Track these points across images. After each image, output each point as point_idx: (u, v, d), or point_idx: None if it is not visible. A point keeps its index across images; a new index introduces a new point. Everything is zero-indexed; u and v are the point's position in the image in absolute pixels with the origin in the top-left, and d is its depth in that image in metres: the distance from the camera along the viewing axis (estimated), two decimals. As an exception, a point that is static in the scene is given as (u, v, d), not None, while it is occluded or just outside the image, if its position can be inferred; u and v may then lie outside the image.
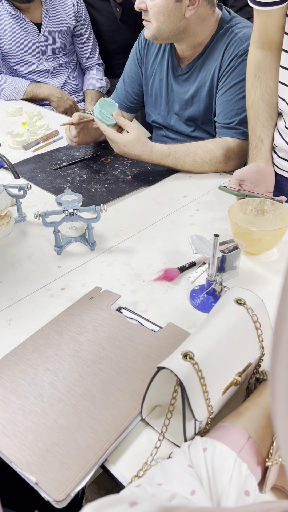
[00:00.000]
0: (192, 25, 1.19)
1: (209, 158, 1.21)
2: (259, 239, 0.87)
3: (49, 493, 0.53)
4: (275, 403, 0.22)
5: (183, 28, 1.19)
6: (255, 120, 1.07)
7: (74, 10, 1.91)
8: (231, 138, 1.24)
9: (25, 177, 1.26)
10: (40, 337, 0.74)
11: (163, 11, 1.15)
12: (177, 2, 1.14)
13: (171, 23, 1.17)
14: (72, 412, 0.61)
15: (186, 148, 1.22)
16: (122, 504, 0.26)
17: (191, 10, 1.15)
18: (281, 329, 0.21)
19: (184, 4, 1.14)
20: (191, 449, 0.51)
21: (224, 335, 0.57)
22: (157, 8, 1.15)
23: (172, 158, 1.21)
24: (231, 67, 1.21)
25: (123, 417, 0.61)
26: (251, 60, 1.05)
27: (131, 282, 0.87)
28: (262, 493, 0.53)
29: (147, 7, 1.16)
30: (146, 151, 1.17)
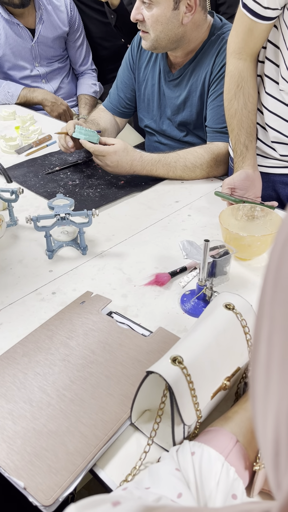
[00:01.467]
0: (188, 32, 1.21)
1: (200, 163, 1.23)
2: (249, 244, 0.88)
3: (37, 498, 0.53)
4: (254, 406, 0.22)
5: (181, 36, 1.20)
6: (239, 128, 1.10)
7: (68, 16, 1.93)
8: (222, 142, 1.25)
9: (18, 181, 1.26)
10: (30, 341, 0.74)
11: (161, 20, 1.16)
12: (175, 10, 1.15)
13: (169, 31, 1.18)
14: (61, 417, 0.61)
15: (176, 154, 1.23)
16: (105, 504, 0.26)
17: (188, 17, 1.17)
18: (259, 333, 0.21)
19: (181, 11, 1.15)
20: (179, 453, 0.51)
21: (213, 339, 0.58)
22: (155, 18, 1.15)
23: (163, 163, 1.21)
24: (222, 73, 1.22)
25: (113, 421, 0.61)
26: (233, 70, 1.07)
27: (122, 287, 0.88)
28: (250, 497, 0.53)
29: (144, 18, 1.17)
30: (137, 157, 1.19)
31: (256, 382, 0.22)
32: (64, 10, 1.91)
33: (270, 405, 0.20)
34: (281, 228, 0.21)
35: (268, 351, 0.20)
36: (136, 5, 1.17)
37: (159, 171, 1.22)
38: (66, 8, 1.91)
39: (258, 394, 0.21)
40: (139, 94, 1.46)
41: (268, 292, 0.21)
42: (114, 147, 1.16)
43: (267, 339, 0.20)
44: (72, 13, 1.94)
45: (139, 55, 1.41)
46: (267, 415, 0.20)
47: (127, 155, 1.17)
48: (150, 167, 1.21)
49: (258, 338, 0.21)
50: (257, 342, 0.22)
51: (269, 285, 0.20)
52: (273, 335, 0.20)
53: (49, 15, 1.88)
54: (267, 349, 0.20)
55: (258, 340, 0.21)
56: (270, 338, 0.20)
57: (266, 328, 0.20)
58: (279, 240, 0.21)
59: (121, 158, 1.16)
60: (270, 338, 0.20)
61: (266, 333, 0.20)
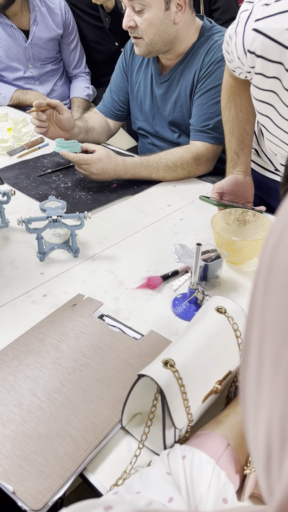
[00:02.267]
0: (180, 31, 1.22)
1: (181, 163, 1.24)
2: (241, 249, 0.88)
3: (26, 502, 0.52)
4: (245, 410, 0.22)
5: (174, 36, 1.22)
6: (230, 135, 1.11)
7: (62, 18, 1.93)
8: (201, 142, 1.27)
9: (9, 183, 1.26)
10: (21, 344, 0.73)
11: (155, 23, 1.17)
12: (166, 11, 1.16)
13: (163, 33, 1.20)
14: (52, 420, 0.61)
15: (157, 155, 1.25)
16: (97, 509, 0.26)
17: (179, 16, 1.18)
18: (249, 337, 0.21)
19: (173, 11, 1.17)
20: (170, 456, 0.51)
21: (205, 343, 0.58)
22: (148, 22, 1.17)
23: (145, 166, 1.23)
24: (209, 72, 1.24)
25: (103, 425, 0.61)
26: (225, 84, 1.08)
27: (114, 290, 0.87)
28: (240, 501, 0.53)
29: (136, 24, 1.18)
30: (120, 162, 1.20)
31: (246, 387, 0.22)
32: (59, 12, 1.91)
33: (261, 411, 0.20)
34: (271, 233, 0.21)
35: (259, 355, 0.20)
36: (127, 13, 1.18)
37: (142, 174, 1.23)
38: (60, 11, 1.91)
39: (249, 399, 0.21)
40: (132, 97, 1.47)
41: (258, 297, 0.21)
42: (97, 154, 1.16)
43: (257, 344, 0.20)
44: (66, 16, 1.94)
45: (132, 59, 1.42)
46: (258, 420, 0.20)
47: (111, 161, 1.18)
48: (133, 170, 1.22)
49: (248, 342, 0.21)
50: (247, 347, 0.22)
51: (259, 289, 0.20)
52: (264, 339, 0.19)
53: (43, 17, 1.87)
54: (258, 354, 0.20)
55: (248, 344, 0.21)
56: (261, 343, 0.20)
57: (257, 333, 0.20)
58: (268, 245, 0.21)
59: (105, 164, 1.17)
60: (261, 343, 0.20)
61: (257, 337, 0.20)
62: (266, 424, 0.19)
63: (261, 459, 0.19)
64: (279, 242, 0.19)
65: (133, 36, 1.21)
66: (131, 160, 1.22)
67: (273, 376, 0.18)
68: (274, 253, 0.19)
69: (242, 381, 0.22)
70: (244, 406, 0.22)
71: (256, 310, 0.20)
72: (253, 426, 0.20)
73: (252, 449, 0.21)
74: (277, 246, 0.19)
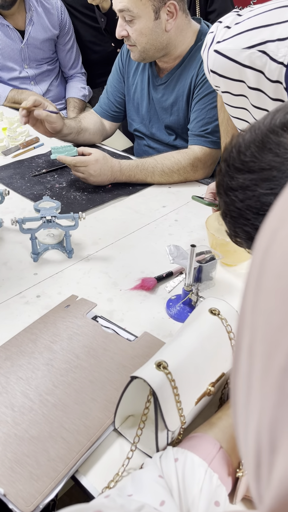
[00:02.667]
0: (173, 37, 1.22)
1: (177, 168, 1.24)
2: (235, 250, 0.88)
3: (17, 504, 0.52)
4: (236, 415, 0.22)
5: (166, 43, 1.22)
6: (225, 137, 1.12)
7: (59, 18, 1.92)
8: (199, 147, 1.27)
9: (4, 183, 1.25)
10: (13, 345, 0.73)
11: (145, 32, 1.18)
12: (156, 20, 1.16)
13: (154, 41, 1.20)
14: (44, 422, 0.60)
15: (153, 160, 1.25)
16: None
17: (171, 23, 1.18)
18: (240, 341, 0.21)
19: (163, 19, 1.17)
20: (162, 459, 0.51)
21: (198, 345, 0.58)
22: (138, 32, 1.17)
23: (141, 169, 1.23)
24: (206, 77, 1.24)
25: (96, 427, 0.60)
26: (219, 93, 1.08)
27: (108, 291, 0.87)
28: (232, 503, 0.53)
29: (128, 33, 1.19)
30: (115, 164, 1.20)
31: (237, 392, 0.21)
32: (55, 12, 1.91)
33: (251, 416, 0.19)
34: (261, 235, 0.21)
35: (248, 361, 0.20)
36: (119, 23, 1.19)
37: (138, 177, 1.23)
38: (56, 11, 1.91)
39: (239, 404, 0.21)
40: (129, 99, 1.47)
41: (249, 300, 0.20)
42: (94, 156, 1.17)
43: (248, 349, 0.20)
44: (62, 16, 1.93)
45: (129, 61, 1.42)
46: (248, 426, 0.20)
47: (107, 163, 1.19)
48: (129, 172, 1.22)
49: (239, 347, 0.21)
50: (238, 351, 0.21)
51: (250, 293, 0.20)
52: (254, 345, 0.19)
53: (39, 17, 1.87)
54: (248, 359, 0.20)
55: (239, 349, 0.21)
56: (251, 348, 0.19)
57: (247, 337, 0.20)
58: (259, 248, 0.20)
59: (102, 166, 1.17)
60: (251, 348, 0.19)
61: (247, 342, 0.20)
62: (256, 430, 0.18)
63: (251, 465, 0.19)
64: (270, 244, 0.19)
65: (127, 43, 1.23)
66: (127, 162, 1.22)
67: (262, 381, 0.18)
68: (265, 256, 0.19)
69: (232, 386, 0.22)
70: (235, 411, 0.21)
71: (247, 314, 0.20)
72: (243, 431, 0.20)
73: (243, 454, 0.21)
74: (268, 249, 0.19)
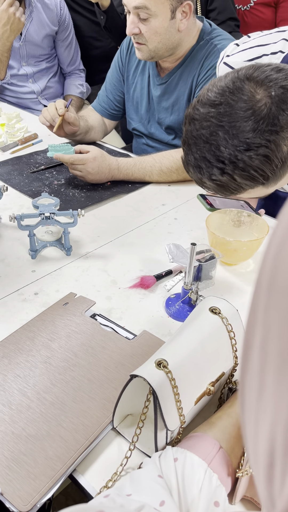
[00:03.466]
0: (183, 37, 1.21)
1: (176, 168, 1.23)
2: (236, 249, 0.88)
3: (14, 503, 0.51)
4: (244, 414, 0.21)
5: (177, 43, 1.21)
6: None
7: (57, 15, 1.90)
8: None
9: (2, 179, 1.24)
10: (11, 343, 0.72)
11: (160, 32, 1.15)
12: (172, 20, 1.15)
13: (167, 41, 1.18)
14: (41, 420, 0.60)
15: (152, 158, 1.24)
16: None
17: (184, 23, 1.17)
18: (250, 339, 0.21)
19: (178, 19, 1.15)
20: (161, 459, 0.50)
21: (198, 344, 0.57)
22: (153, 30, 1.15)
23: (139, 167, 1.22)
24: (207, 76, 1.23)
25: (94, 426, 0.60)
26: None
27: (107, 289, 0.86)
28: (231, 504, 0.52)
29: (141, 31, 1.16)
30: (113, 162, 1.20)
31: (246, 391, 0.21)
32: (54, 8, 1.89)
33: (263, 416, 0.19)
34: (275, 232, 0.20)
35: (261, 359, 0.19)
36: (132, 19, 1.15)
37: (136, 175, 1.23)
38: (56, 7, 1.89)
39: (249, 403, 0.20)
40: (128, 97, 1.46)
41: (261, 297, 0.20)
42: (92, 154, 1.16)
43: (260, 347, 0.19)
44: (62, 12, 1.92)
45: (129, 58, 1.41)
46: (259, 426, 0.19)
47: (105, 160, 1.18)
48: (126, 171, 1.21)
49: (249, 345, 0.21)
50: (248, 349, 0.21)
51: (262, 290, 0.20)
52: (267, 342, 0.19)
53: (38, 13, 1.85)
54: (260, 357, 0.19)
55: (249, 347, 0.21)
56: (264, 346, 0.19)
57: (260, 335, 0.19)
58: (273, 244, 0.20)
59: (100, 163, 1.17)
60: (264, 346, 0.19)
61: (260, 340, 0.19)
62: (269, 430, 0.18)
63: (262, 465, 0.19)
64: (284, 241, 0.19)
65: (136, 41, 1.19)
66: (124, 160, 1.22)
67: (277, 381, 0.17)
68: (279, 252, 0.19)
69: (241, 385, 0.21)
70: (243, 411, 0.21)
71: (259, 311, 0.19)
72: (253, 431, 0.20)
73: (251, 454, 0.20)
74: (282, 245, 0.19)
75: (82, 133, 1.38)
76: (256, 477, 0.20)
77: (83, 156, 1.15)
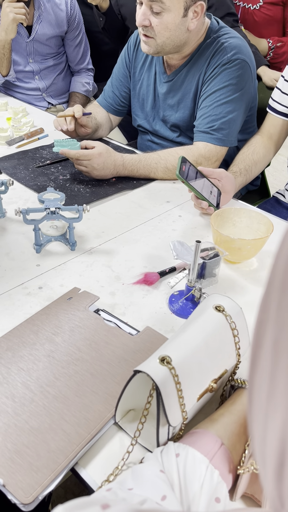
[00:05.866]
0: (192, 37, 1.21)
1: None
2: (240, 248, 0.88)
3: (16, 495, 0.51)
4: (252, 412, 0.22)
5: (185, 41, 1.20)
6: (240, 161, 1.25)
7: (67, 14, 1.89)
8: (203, 143, 1.25)
9: (7, 173, 1.24)
10: (15, 336, 0.72)
11: (170, 27, 1.15)
12: (184, 17, 1.14)
13: (176, 38, 1.18)
14: (44, 414, 0.60)
15: (157, 155, 1.24)
16: (94, 506, 0.25)
17: (194, 23, 1.16)
18: (261, 338, 0.21)
19: (189, 17, 1.15)
20: (163, 454, 0.50)
21: (202, 341, 0.57)
22: (164, 25, 1.14)
23: (144, 164, 1.22)
24: (214, 74, 1.23)
25: (96, 420, 0.60)
26: (251, 140, 1.33)
27: (111, 284, 0.87)
28: (232, 500, 0.53)
29: (151, 24, 1.15)
30: (118, 158, 1.20)
31: (255, 390, 0.21)
32: (64, 8, 1.87)
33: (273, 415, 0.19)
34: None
35: (273, 358, 0.19)
36: (143, 11, 1.14)
37: (141, 172, 1.23)
38: (66, 6, 1.88)
39: (258, 402, 0.20)
40: (134, 94, 1.45)
41: (274, 296, 0.20)
42: (97, 150, 1.16)
43: (272, 345, 0.19)
44: (72, 12, 1.90)
45: (136, 54, 1.40)
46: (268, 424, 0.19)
47: (110, 156, 1.18)
48: (131, 167, 1.22)
49: (259, 343, 0.21)
50: (258, 348, 0.21)
51: (275, 289, 0.20)
52: (280, 341, 0.19)
53: (48, 15, 1.84)
54: (272, 356, 0.19)
55: (259, 345, 0.21)
56: (277, 345, 0.19)
57: (271, 334, 0.20)
58: (286, 244, 0.20)
59: (105, 159, 1.17)
60: (277, 345, 0.19)
61: (271, 339, 0.19)
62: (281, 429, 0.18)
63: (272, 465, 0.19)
64: None
65: (144, 34, 1.18)
66: (129, 157, 1.22)
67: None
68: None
69: (250, 384, 0.21)
70: (252, 409, 0.21)
71: (271, 310, 0.19)
72: (261, 429, 0.20)
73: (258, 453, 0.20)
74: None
75: (92, 132, 1.39)
76: (264, 476, 0.20)
77: (88, 152, 1.15)
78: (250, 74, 1.24)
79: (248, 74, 1.23)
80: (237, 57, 1.20)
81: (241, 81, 1.22)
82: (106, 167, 1.18)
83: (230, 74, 1.21)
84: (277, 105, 1.28)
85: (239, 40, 1.23)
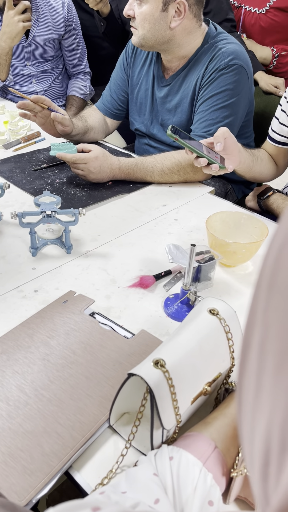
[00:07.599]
0: (178, 37, 1.21)
1: (177, 169, 1.24)
2: (235, 251, 0.88)
3: (9, 498, 0.51)
4: (241, 414, 0.22)
5: (168, 38, 1.21)
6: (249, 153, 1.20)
7: (65, 18, 1.90)
8: None
9: (4, 176, 1.25)
10: (10, 339, 0.72)
11: (149, 19, 1.17)
12: (163, 12, 1.16)
13: (156, 32, 1.19)
14: (39, 417, 0.60)
15: (153, 159, 1.24)
16: (85, 509, 0.26)
17: (176, 21, 1.18)
18: (249, 340, 0.21)
19: (170, 14, 1.16)
20: (157, 457, 0.51)
21: (196, 344, 0.58)
22: (143, 16, 1.17)
23: (140, 167, 1.22)
24: (211, 79, 1.24)
25: (91, 423, 0.60)
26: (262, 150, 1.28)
27: (106, 288, 0.87)
28: (225, 503, 0.53)
29: (135, 14, 1.18)
30: (115, 161, 1.20)
31: (244, 391, 0.21)
32: (61, 12, 1.88)
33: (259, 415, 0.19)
34: (276, 234, 0.21)
35: (259, 359, 0.20)
36: (130, 1, 1.19)
37: (137, 175, 1.23)
38: (63, 10, 1.88)
39: (246, 403, 0.21)
40: (132, 97, 1.46)
41: (261, 298, 0.20)
42: (94, 153, 1.17)
43: (259, 347, 0.20)
44: (69, 15, 1.91)
45: (134, 58, 1.41)
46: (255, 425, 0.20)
47: (107, 160, 1.19)
48: (128, 170, 1.22)
49: (248, 345, 0.21)
50: (246, 349, 0.21)
51: (262, 290, 0.20)
52: (266, 342, 0.19)
53: (45, 18, 1.85)
54: (258, 357, 0.20)
55: (248, 347, 0.21)
56: (263, 346, 0.19)
57: (258, 335, 0.20)
58: (274, 245, 0.20)
59: (102, 163, 1.17)
60: (263, 346, 0.19)
61: (258, 340, 0.20)
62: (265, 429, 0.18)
63: (258, 464, 0.19)
64: (284, 243, 0.19)
65: (130, 24, 1.23)
66: (126, 160, 1.22)
67: (275, 380, 0.18)
68: (281, 253, 0.19)
69: (239, 385, 0.22)
70: (240, 410, 0.21)
71: (258, 311, 0.20)
72: (249, 430, 0.20)
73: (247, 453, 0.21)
74: (283, 247, 0.19)
75: (80, 134, 1.38)
76: (252, 476, 0.21)
77: (85, 155, 1.16)
78: (247, 80, 1.25)
79: (245, 80, 1.24)
80: (234, 63, 1.21)
81: (238, 87, 1.23)
82: (103, 170, 1.18)
83: (227, 80, 1.22)
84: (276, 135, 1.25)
85: (237, 46, 1.24)
